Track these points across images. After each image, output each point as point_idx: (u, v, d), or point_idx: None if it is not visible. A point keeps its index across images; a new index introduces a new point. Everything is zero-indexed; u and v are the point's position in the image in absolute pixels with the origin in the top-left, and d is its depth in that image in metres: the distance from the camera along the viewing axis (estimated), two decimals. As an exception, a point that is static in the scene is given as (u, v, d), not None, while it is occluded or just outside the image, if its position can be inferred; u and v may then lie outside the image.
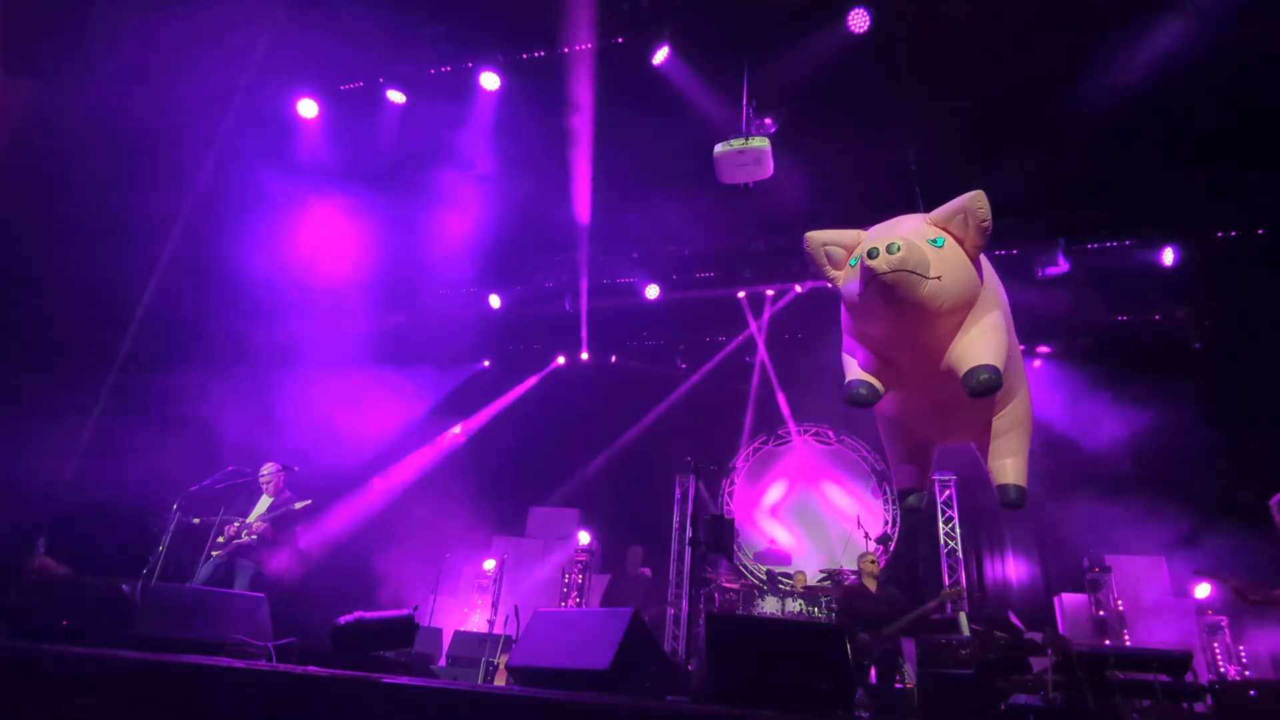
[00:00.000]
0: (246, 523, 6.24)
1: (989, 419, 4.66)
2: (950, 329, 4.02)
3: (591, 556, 10.46)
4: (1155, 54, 6.56)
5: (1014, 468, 4.65)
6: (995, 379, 3.78)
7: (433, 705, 2.96)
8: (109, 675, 3.30)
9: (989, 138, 7.47)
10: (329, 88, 8.35)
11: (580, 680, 3.55)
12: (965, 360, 3.92)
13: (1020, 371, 4.85)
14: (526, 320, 11.94)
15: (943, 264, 3.85)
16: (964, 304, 3.97)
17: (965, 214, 3.92)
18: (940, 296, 3.83)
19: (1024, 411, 4.81)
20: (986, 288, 4.13)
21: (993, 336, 3.99)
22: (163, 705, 3.18)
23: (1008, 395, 4.65)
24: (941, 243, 3.91)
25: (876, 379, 4.22)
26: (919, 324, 3.95)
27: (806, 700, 3.42)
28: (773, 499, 11.56)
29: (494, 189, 8.89)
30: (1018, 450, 4.71)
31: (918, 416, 4.97)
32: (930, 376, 4.16)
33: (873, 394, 4.20)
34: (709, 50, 7.30)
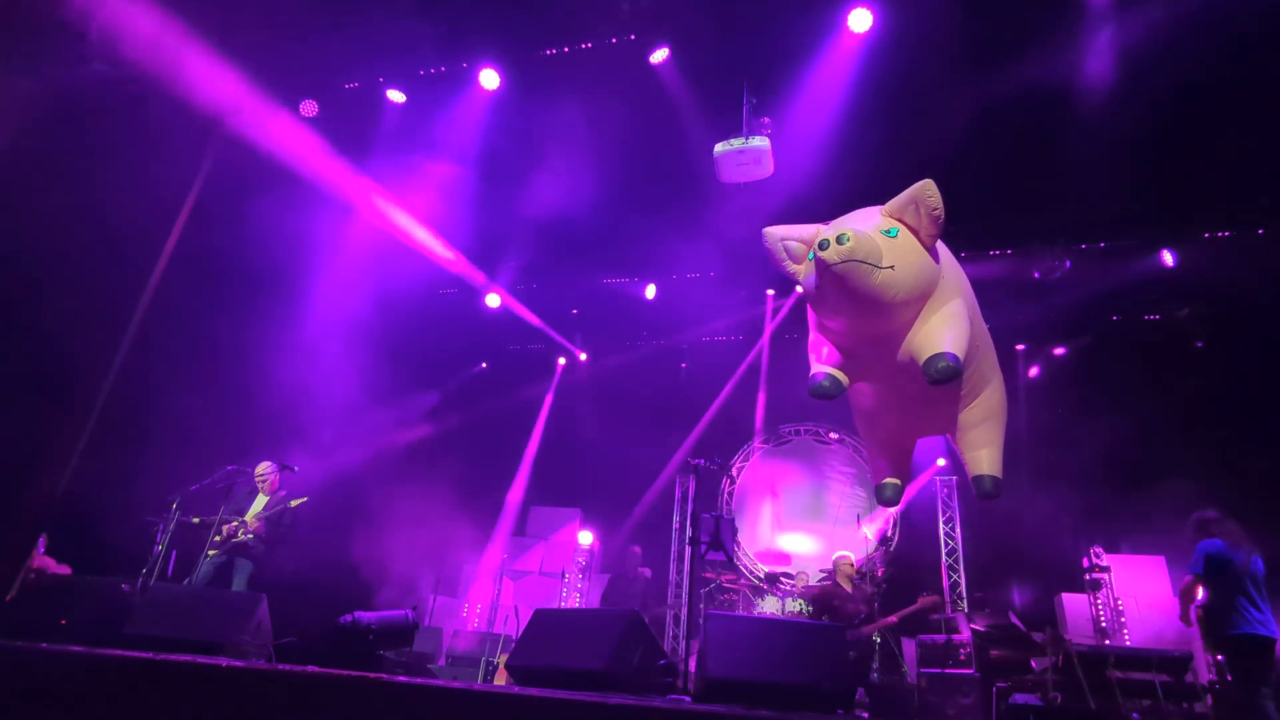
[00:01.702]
0: (244, 521, 6.24)
1: (960, 411, 4.67)
2: (908, 319, 4.02)
3: (592, 556, 10.46)
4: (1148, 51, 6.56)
5: (989, 459, 4.65)
6: (953, 367, 3.78)
7: (432, 704, 2.96)
8: (107, 675, 3.29)
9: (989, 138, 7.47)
10: (326, 86, 8.35)
11: (580, 680, 3.54)
12: (924, 349, 3.92)
13: (992, 362, 4.83)
14: (524, 321, 11.92)
15: (896, 254, 3.85)
16: (920, 294, 3.97)
17: (917, 203, 3.93)
18: (894, 286, 3.83)
19: (997, 402, 4.81)
20: (946, 277, 4.12)
21: (952, 325, 3.98)
22: (161, 705, 3.17)
23: (978, 386, 4.65)
24: (895, 233, 3.92)
25: (840, 372, 4.24)
26: (875, 314, 3.95)
27: (806, 699, 3.42)
28: (773, 499, 11.55)
29: (492, 187, 8.87)
30: (992, 441, 4.71)
31: (888, 409, 4.98)
32: (893, 367, 4.17)
33: (836, 386, 4.22)
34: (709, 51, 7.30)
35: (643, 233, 10.10)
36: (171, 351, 7.87)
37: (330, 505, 8.59)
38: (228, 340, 8.20)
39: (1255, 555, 4.95)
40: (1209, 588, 4.94)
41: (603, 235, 9.91)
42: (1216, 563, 4.91)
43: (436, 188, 8.72)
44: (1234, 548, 4.93)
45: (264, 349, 8.29)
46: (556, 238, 9.94)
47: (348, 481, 9.26)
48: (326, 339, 8.87)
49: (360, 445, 9.73)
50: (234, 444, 7.20)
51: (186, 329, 7.99)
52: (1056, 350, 10.33)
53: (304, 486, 6.66)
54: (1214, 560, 4.92)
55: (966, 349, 3.98)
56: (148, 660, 3.35)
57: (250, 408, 8.21)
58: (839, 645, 3.71)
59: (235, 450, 6.73)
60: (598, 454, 12.13)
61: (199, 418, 7.58)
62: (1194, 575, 4.99)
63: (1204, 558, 4.97)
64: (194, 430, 7.51)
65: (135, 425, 7.48)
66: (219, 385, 8.06)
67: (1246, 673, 4.78)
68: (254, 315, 8.40)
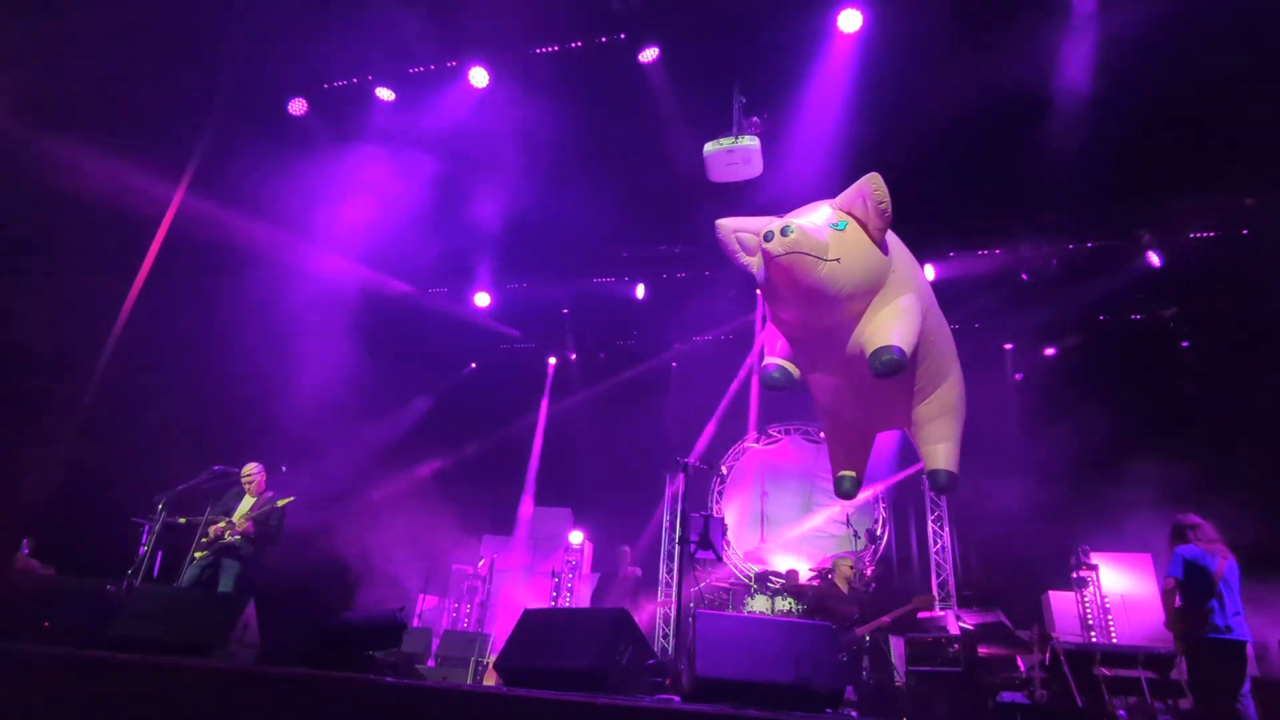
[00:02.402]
0: (231, 522, 6.19)
1: (916, 405, 4.69)
2: (857, 312, 4.04)
3: (581, 556, 10.46)
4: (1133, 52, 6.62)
5: (945, 453, 4.69)
6: (898, 359, 3.79)
7: (421, 705, 2.95)
8: (92, 677, 3.27)
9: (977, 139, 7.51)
10: (316, 85, 8.32)
11: (569, 679, 3.54)
12: (871, 342, 3.94)
13: (949, 357, 4.86)
14: (515, 320, 11.91)
15: (842, 247, 3.88)
16: (868, 287, 3.99)
17: (864, 197, 3.95)
18: (840, 279, 3.85)
19: (954, 397, 4.83)
20: (898, 271, 4.14)
21: (901, 319, 4.00)
22: (147, 708, 3.15)
23: (934, 381, 4.67)
24: (844, 226, 3.94)
25: (791, 363, 4.27)
26: (823, 306, 3.98)
27: (795, 698, 3.43)
28: (762, 498, 11.56)
29: (481, 187, 8.84)
30: (948, 436, 4.74)
31: (844, 402, 5.01)
32: (843, 359, 4.19)
33: (786, 377, 4.26)
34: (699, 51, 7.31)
35: (632, 232, 10.11)
36: (156, 352, 7.81)
37: (318, 505, 8.55)
38: (213, 340, 8.13)
39: (1230, 560, 5.05)
40: (1184, 592, 5.05)
41: (592, 235, 9.90)
42: (1192, 568, 5.03)
43: (425, 186, 8.68)
44: (1209, 553, 5.05)
45: (250, 349, 8.24)
46: (545, 237, 9.93)
47: (335, 482, 9.22)
48: (314, 338, 8.83)
49: (347, 445, 9.68)
50: (220, 445, 7.15)
51: (171, 329, 7.92)
52: (1046, 350, 10.38)
53: (291, 487, 6.62)
54: (1190, 565, 5.04)
55: (915, 342, 4.00)
56: (133, 662, 3.33)
57: (237, 409, 8.16)
58: (828, 644, 3.72)
59: (222, 451, 6.68)
60: (588, 453, 12.13)
61: (184, 419, 7.54)
62: (1175, 580, 5.09)
63: (1181, 561, 5.09)
64: (180, 431, 7.46)
65: (120, 426, 7.41)
66: (205, 386, 8.01)
67: (1217, 675, 4.89)
68: (241, 315, 8.34)
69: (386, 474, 10.51)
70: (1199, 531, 5.18)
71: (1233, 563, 5.05)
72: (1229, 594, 4.95)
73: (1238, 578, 5.05)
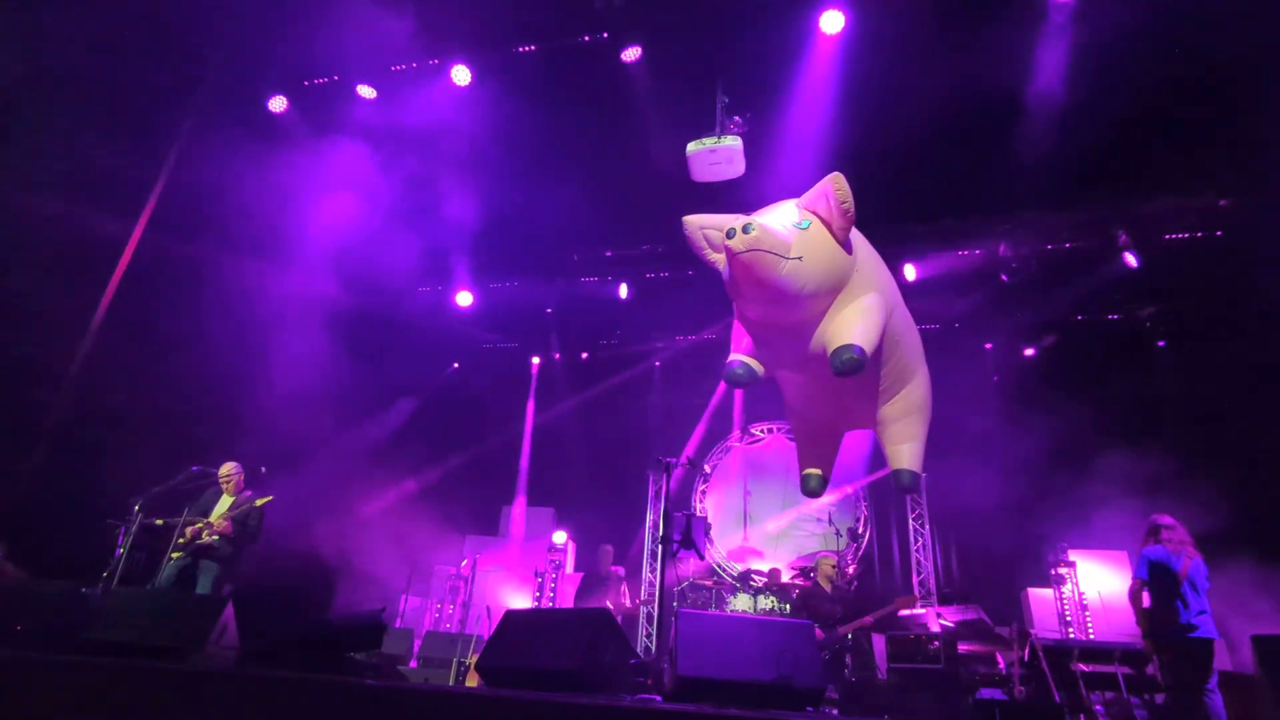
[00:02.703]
0: (209, 522, 6.12)
1: (880, 405, 4.73)
2: (820, 310, 4.06)
3: (564, 556, 10.44)
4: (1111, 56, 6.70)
5: (909, 453, 4.74)
6: (858, 359, 3.82)
7: (402, 706, 2.93)
8: (67, 681, 3.22)
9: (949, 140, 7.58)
10: (296, 82, 8.24)
11: (551, 680, 3.53)
12: (833, 340, 3.97)
13: (916, 358, 4.90)
14: (498, 320, 11.87)
15: (805, 246, 3.90)
16: (831, 286, 4.02)
17: (827, 196, 3.97)
18: (802, 277, 3.88)
19: (919, 398, 4.88)
20: (862, 271, 4.16)
21: (864, 318, 4.03)
22: (123, 712, 3.11)
23: (899, 381, 4.71)
24: (807, 225, 3.97)
25: (755, 360, 4.29)
26: (785, 304, 4.00)
27: (777, 697, 3.44)
28: (745, 496, 11.60)
29: (463, 186, 8.80)
30: (912, 436, 4.79)
31: (810, 401, 5.06)
32: (806, 357, 4.22)
33: (749, 374, 4.28)
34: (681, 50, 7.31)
35: (615, 232, 10.10)
36: (133, 352, 7.72)
37: (298, 506, 8.48)
38: (191, 340, 8.04)
39: (1196, 560, 5.19)
40: (1151, 591, 5.21)
41: (574, 235, 9.89)
42: (1157, 568, 5.19)
43: (406, 184, 8.63)
44: (1174, 554, 5.19)
45: (228, 349, 8.16)
46: (528, 237, 9.90)
47: (315, 482, 9.14)
48: (294, 338, 8.75)
49: (328, 445, 9.60)
50: (198, 445, 7.08)
51: (148, 329, 7.83)
52: (1025, 351, 10.48)
53: (270, 487, 6.56)
54: (1155, 566, 5.20)
55: (876, 342, 4.04)
56: (109, 666, 3.28)
57: (215, 409, 8.07)
58: (809, 642, 3.73)
59: (200, 452, 6.61)
60: (571, 453, 12.12)
61: (162, 419, 7.45)
62: (1139, 580, 5.26)
63: (1146, 563, 5.25)
64: (157, 431, 7.37)
65: (97, 427, 7.32)
66: (183, 386, 7.92)
67: (1184, 672, 5.04)
68: (220, 315, 8.26)
69: (368, 474, 10.43)
70: (1171, 532, 5.31)
71: (1199, 562, 5.19)
72: (1193, 594, 5.09)
73: (1204, 577, 5.19)
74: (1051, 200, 8.54)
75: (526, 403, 12.60)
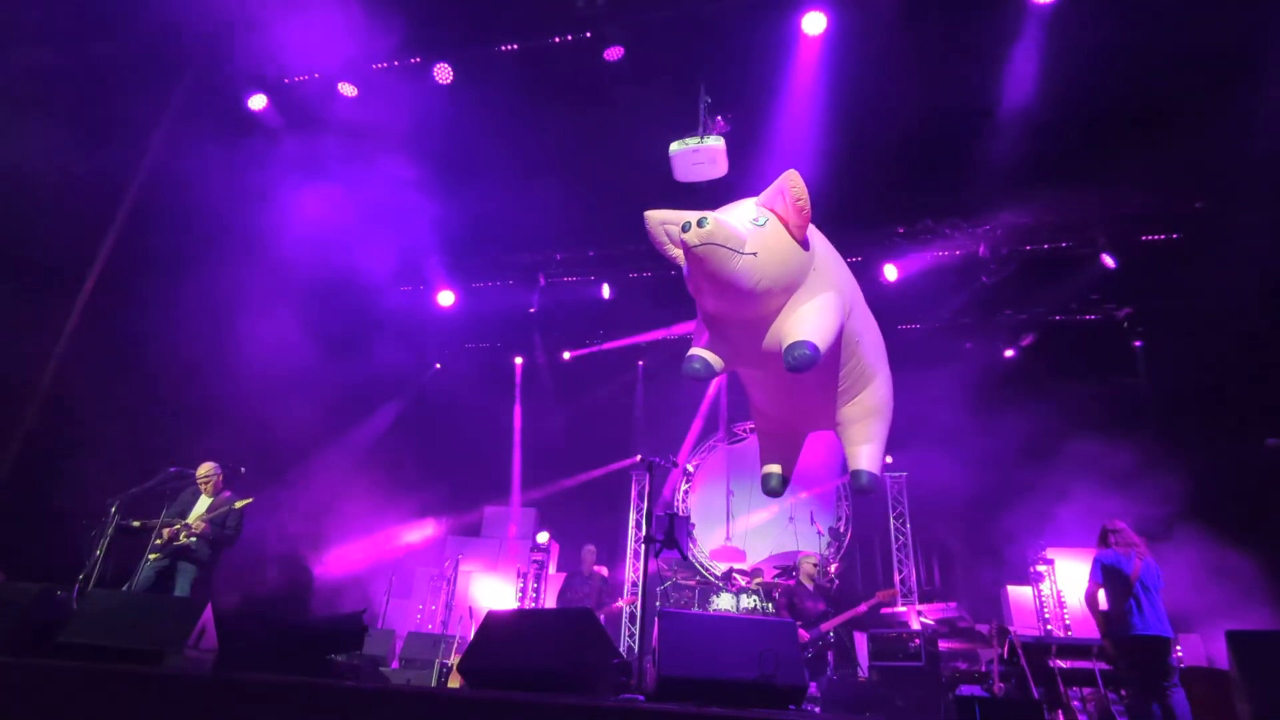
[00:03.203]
0: (187, 524, 6.05)
1: (840, 406, 4.78)
2: (776, 307, 4.10)
3: (547, 556, 10.42)
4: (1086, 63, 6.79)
5: (867, 455, 4.78)
6: (810, 355, 3.85)
7: (383, 708, 2.91)
8: (40, 686, 3.17)
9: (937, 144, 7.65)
10: (278, 80, 8.16)
11: (533, 680, 3.52)
12: (786, 337, 4.00)
13: (878, 360, 4.95)
14: (480, 319, 11.82)
15: (760, 242, 3.94)
16: (786, 283, 4.05)
17: (782, 194, 4.01)
18: (756, 273, 3.91)
19: (879, 400, 4.92)
20: (820, 269, 4.20)
21: (819, 316, 4.06)
22: (99, 717, 3.06)
23: (858, 382, 4.76)
24: (764, 221, 4.01)
25: (713, 355, 4.32)
26: (739, 299, 4.03)
27: (759, 695, 3.45)
28: (728, 496, 11.63)
29: (445, 185, 8.75)
30: (872, 438, 4.83)
31: (770, 398, 5.12)
32: (762, 354, 4.25)
33: (706, 369, 4.31)
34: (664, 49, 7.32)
35: (598, 232, 10.09)
36: (109, 352, 7.61)
37: (277, 507, 8.41)
38: (169, 340, 7.94)
39: (1147, 560, 5.38)
40: (1107, 594, 5.39)
41: (558, 234, 9.86)
42: (1110, 571, 5.38)
43: (388, 183, 8.57)
44: (1125, 556, 5.39)
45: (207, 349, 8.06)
46: (512, 236, 9.87)
47: (296, 482, 9.07)
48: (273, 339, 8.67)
49: (309, 446, 9.52)
50: (175, 446, 6.98)
51: (125, 328, 7.72)
52: (1005, 352, 10.59)
53: (250, 488, 6.50)
54: (1108, 569, 5.39)
55: (831, 340, 4.07)
56: (83, 670, 3.24)
57: (192, 410, 7.97)
58: (791, 641, 3.75)
59: (177, 452, 6.52)
60: (554, 453, 12.10)
61: (139, 419, 7.35)
62: (1095, 584, 5.45)
63: (1100, 567, 5.44)
64: (134, 432, 7.27)
65: (71, 427, 7.21)
66: (160, 386, 7.82)
67: (1143, 669, 5.21)
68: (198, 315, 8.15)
69: (349, 475, 10.35)
70: (1120, 536, 5.53)
71: (1150, 563, 5.39)
72: (1145, 594, 5.27)
73: (1156, 577, 5.38)
74: (1030, 202, 8.63)
75: (508, 402, 12.56)
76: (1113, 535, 5.55)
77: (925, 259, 9.38)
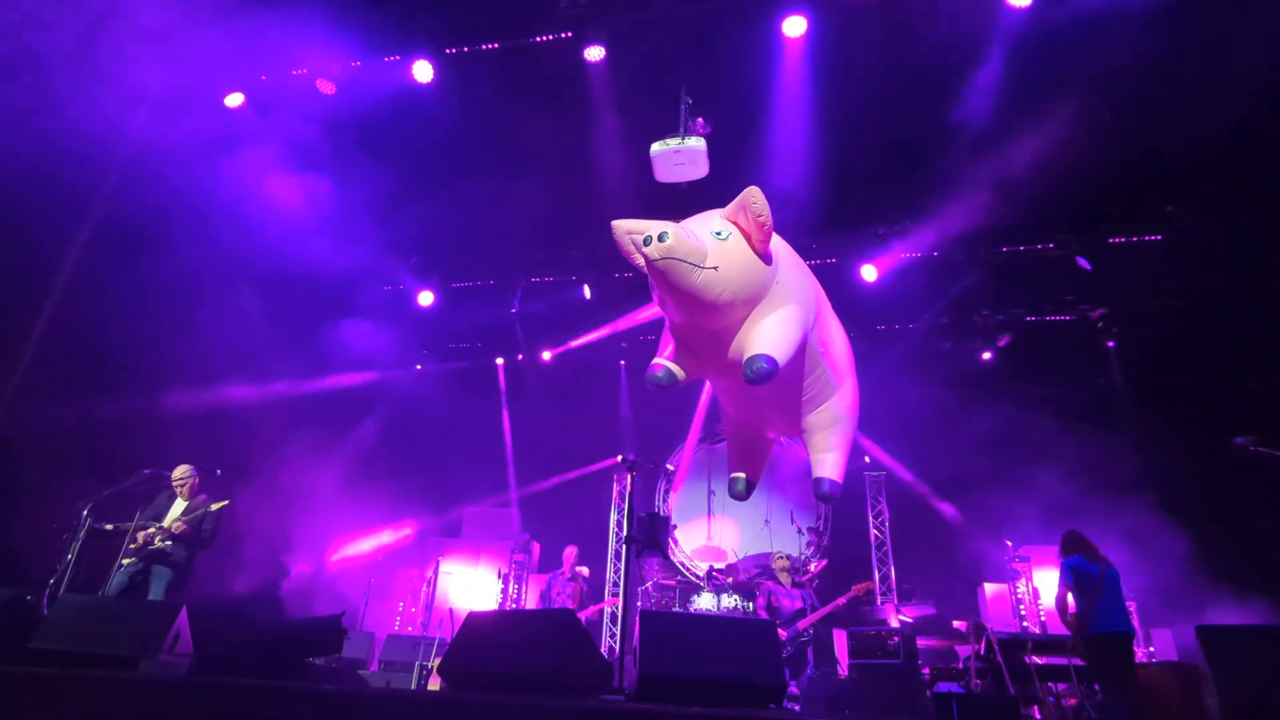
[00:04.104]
0: (162, 526, 5.96)
1: (805, 415, 4.84)
2: (738, 319, 4.16)
3: (529, 557, 10.39)
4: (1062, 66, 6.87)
5: (831, 463, 4.86)
6: (767, 369, 3.91)
7: (362, 712, 2.89)
8: (11, 693, 3.12)
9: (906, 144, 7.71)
10: (255, 77, 8.07)
11: (514, 682, 3.51)
12: (747, 349, 4.07)
13: (844, 370, 5.02)
14: (461, 320, 11.75)
15: (721, 255, 4.00)
16: (748, 296, 4.11)
17: (744, 209, 4.06)
18: (717, 286, 3.96)
19: (843, 409, 4.99)
20: (783, 283, 4.26)
21: (780, 329, 4.11)
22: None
23: (822, 392, 4.83)
24: (726, 235, 4.06)
25: (676, 365, 4.42)
26: (701, 311, 4.10)
27: (740, 694, 3.47)
28: (709, 496, 11.66)
29: (431, 184, 8.69)
30: (834, 446, 4.91)
31: (738, 406, 5.21)
32: (725, 366, 4.32)
33: (669, 378, 4.41)
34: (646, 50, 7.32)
35: (579, 231, 10.07)
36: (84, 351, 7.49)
37: (252, 509, 8.31)
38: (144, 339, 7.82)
39: (1110, 564, 5.66)
40: (1076, 596, 5.59)
41: (539, 234, 9.83)
42: (1079, 575, 5.60)
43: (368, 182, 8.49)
44: (1090, 560, 5.65)
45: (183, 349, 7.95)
46: (493, 236, 9.82)
47: (270, 485, 8.97)
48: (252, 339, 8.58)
49: (287, 447, 9.41)
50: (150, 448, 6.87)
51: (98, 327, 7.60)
52: (983, 355, 10.69)
53: (227, 490, 6.42)
54: (1076, 574, 5.61)
55: (790, 352, 4.12)
56: (55, 677, 3.18)
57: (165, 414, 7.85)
58: (771, 640, 3.77)
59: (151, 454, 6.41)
60: (535, 453, 12.08)
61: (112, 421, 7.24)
62: (1066, 587, 5.65)
63: (1069, 571, 5.66)
64: (107, 434, 7.16)
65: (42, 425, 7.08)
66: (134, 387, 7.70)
67: (1109, 664, 5.41)
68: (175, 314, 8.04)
69: (328, 476, 10.25)
70: (1082, 544, 5.80)
71: (1112, 567, 5.64)
72: (1112, 594, 5.53)
73: (1118, 579, 5.64)
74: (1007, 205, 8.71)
75: (488, 403, 12.50)
76: (1075, 544, 5.80)
77: (904, 260, 9.44)
